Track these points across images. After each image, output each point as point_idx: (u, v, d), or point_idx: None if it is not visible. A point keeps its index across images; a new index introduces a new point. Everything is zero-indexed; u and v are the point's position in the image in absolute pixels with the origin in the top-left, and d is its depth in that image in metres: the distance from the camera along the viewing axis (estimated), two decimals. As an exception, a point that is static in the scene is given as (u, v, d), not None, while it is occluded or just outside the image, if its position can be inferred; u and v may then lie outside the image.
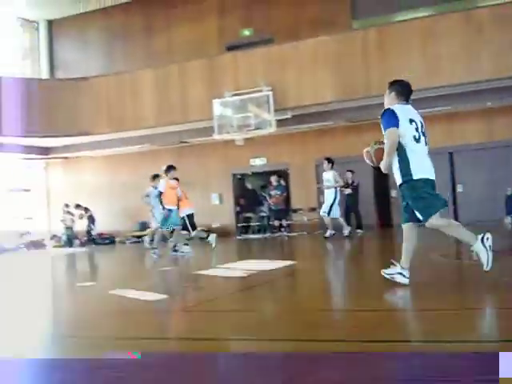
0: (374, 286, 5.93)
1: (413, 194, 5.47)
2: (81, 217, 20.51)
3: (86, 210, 20.57)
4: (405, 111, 5.59)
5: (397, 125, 5.47)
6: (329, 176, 14.30)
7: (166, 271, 10.09)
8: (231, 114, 16.93)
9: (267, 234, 18.56)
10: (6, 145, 19.18)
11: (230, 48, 19.50)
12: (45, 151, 21.15)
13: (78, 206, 20.60)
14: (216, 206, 20.04)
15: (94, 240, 20.75)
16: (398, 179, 5.59)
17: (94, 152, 20.87)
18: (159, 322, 5.33)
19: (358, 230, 15.63)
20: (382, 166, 5.65)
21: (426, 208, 5.43)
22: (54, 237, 21.81)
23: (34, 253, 19.58)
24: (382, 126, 5.61)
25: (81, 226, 20.79)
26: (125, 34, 21.56)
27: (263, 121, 16.53)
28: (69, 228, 20.77)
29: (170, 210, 12.25)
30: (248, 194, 20.87)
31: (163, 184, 12.31)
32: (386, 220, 18.28)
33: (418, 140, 5.52)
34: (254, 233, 19.52)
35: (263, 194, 19.29)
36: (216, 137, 17.25)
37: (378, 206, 18.43)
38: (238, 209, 20.31)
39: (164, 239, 13.68)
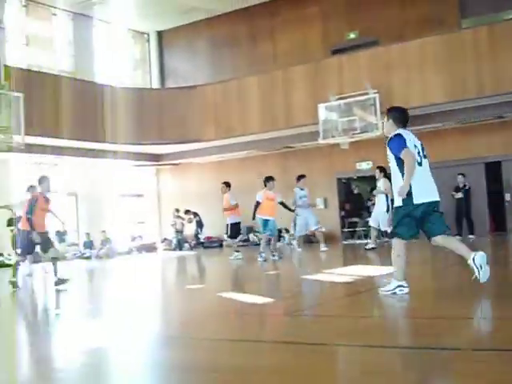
0: (484, 292, 5.69)
1: (398, 215, 5.85)
2: (190, 221, 21.08)
3: (195, 214, 21.11)
4: (409, 136, 5.88)
5: (405, 145, 5.73)
6: (379, 184, 13.96)
7: (273, 275, 10.17)
8: (336, 118, 16.83)
9: (374, 240, 18.22)
10: (119, 152, 20.06)
11: (335, 52, 19.41)
12: (156, 158, 21.93)
13: (187, 211, 21.18)
14: (321, 210, 19.96)
15: (202, 243, 21.25)
16: (398, 201, 5.82)
17: (202, 158, 21.39)
18: (266, 326, 5.37)
19: (470, 236, 15.10)
20: (403, 188, 5.71)
21: (399, 228, 5.81)
22: (164, 240, 22.53)
23: (146, 256, 20.31)
24: (389, 152, 5.87)
25: (190, 230, 21.37)
26: (230, 42, 21.98)
27: (369, 124, 16.30)
28: (179, 232, 21.40)
29: (266, 221, 12.57)
30: (353, 199, 20.62)
31: (261, 194, 12.69)
32: (500, 225, 17.51)
33: (420, 163, 5.78)
34: (359, 238, 19.26)
35: (370, 198, 19.00)
36: (321, 141, 17.20)
37: (492, 210, 17.65)
38: (342, 213, 20.13)
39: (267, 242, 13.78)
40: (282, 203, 13.39)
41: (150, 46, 23.90)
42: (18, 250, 9.92)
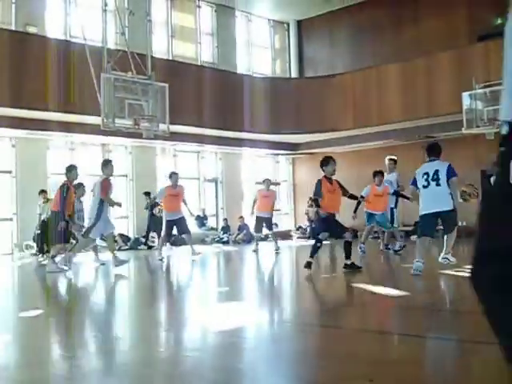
0: None
1: (419, 222, 9.04)
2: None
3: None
4: (422, 169, 8.70)
5: (413, 184, 8.81)
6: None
7: (409, 268, 9.94)
8: (482, 107, 16.07)
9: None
10: (256, 141, 20.45)
11: (481, 38, 18.48)
12: (292, 147, 22.10)
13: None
14: (462, 204, 19.13)
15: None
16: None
17: (339, 148, 21.27)
18: (401, 318, 5.27)
19: None
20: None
21: (420, 231, 8.80)
22: (299, 228, 22.72)
23: (281, 243, 20.54)
24: None
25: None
26: (372, 30, 21.59)
27: (517, 114, 15.39)
28: (312, 221, 21.45)
29: (370, 214, 12.89)
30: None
31: (368, 190, 12.97)
32: None
33: (425, 186, 8.52)
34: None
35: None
36: (465, 131, 16.50)
37: None
38: (486, 207, 19.18)
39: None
40: (396, 193, 12.81)
41: (290, 35, 24.04)
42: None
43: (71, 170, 10.83)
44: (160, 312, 6.43)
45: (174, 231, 12.99)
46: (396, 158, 13.75)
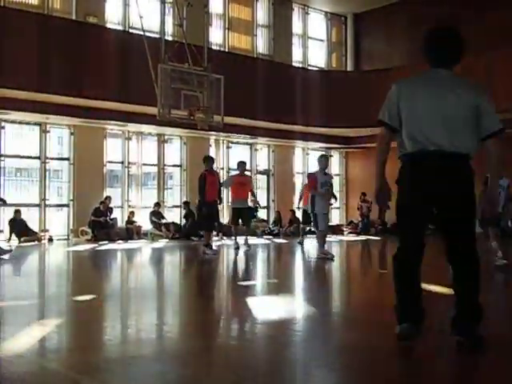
0: None
1: None
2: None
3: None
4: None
5: None
6: None
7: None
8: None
9: None
10: (309, 134, 20.42)
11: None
12: (345, 141, 21.91)
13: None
14: None
15: (388, 229, 20.92)
16: None
17: (394, 143, 20.99)
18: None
19: None
20: None
21: None
22: (350, 223, 22.56)
23: (332, 238, 20.46)
24: None
25: (375, 214, 21.11)
26: (430, 23, 21.10)
27: None
28: (364, 216, 21.28)
29: None
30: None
31: None
32: None
33: None
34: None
35: None
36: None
37: None
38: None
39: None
40: None
41: (347, 28, 23.79)
42: None
43: (209, 160, 12.52)
44: (214, 302, 6.52)
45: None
46: None
